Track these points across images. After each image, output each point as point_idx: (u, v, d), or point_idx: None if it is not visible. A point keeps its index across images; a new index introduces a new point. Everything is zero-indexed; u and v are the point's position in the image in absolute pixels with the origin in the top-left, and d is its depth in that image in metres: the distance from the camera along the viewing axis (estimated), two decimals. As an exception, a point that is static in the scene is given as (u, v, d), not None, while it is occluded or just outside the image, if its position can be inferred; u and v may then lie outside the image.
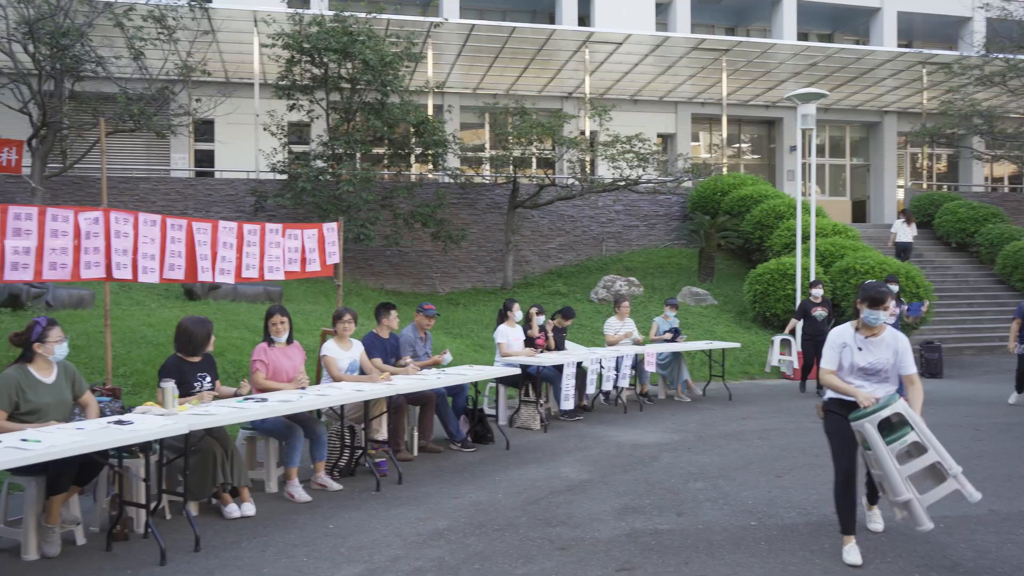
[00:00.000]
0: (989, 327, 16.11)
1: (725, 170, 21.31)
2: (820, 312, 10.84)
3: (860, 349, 4.52)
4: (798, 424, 8.80)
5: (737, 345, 11.90)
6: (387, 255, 17.10)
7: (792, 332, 11.70)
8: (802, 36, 25.30)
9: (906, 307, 11.21)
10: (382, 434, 6.65)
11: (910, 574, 4.33)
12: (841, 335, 4.57)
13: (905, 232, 17.99)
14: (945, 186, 25.55)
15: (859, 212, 24.97)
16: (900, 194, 24.83)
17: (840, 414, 4.51)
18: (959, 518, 5.25)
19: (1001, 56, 19.76)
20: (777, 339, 11.31)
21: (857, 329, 4.53)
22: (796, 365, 11.40)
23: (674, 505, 5.67)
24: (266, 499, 5.73)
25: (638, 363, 10.14)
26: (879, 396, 4.39)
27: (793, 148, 24.23)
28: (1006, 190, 26.39)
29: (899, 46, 24.61)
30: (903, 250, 17.76)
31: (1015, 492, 5.94)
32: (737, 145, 25.17)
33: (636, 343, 10.36)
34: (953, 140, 22.78)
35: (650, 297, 15.78)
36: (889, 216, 23.94)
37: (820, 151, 25.12)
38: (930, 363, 13.07)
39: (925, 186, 24.06)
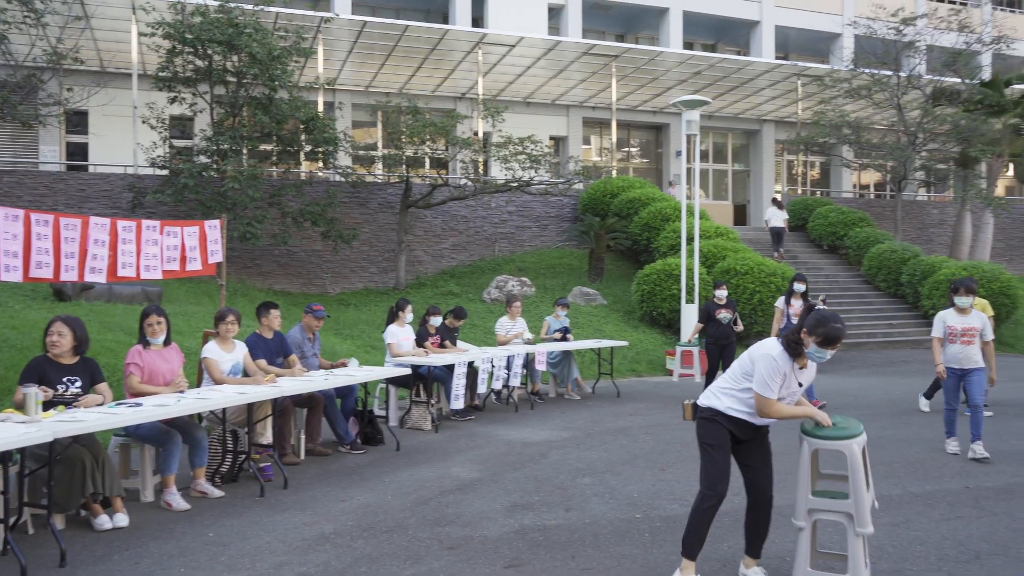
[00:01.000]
0: (857, 324, 17.12)
1: (615, 173, 21.85)
2: (725, 315, 10.32)
3: (794, 376, 4.02)
4: (680, 419, 9.10)
5: (625, 344, 12.20)
6: (275, 255, 16.64)
7: (697, 336, 11.56)
8: (688, 45, 26.24)
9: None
10: (267, 438, 6.45)
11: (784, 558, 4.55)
12: (779, 363, 3.92)
13: (777, 217, 19.97)
14: (818, 192, 27.01)
15: (740, 215, 26.09)
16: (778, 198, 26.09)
17: (729, 429, 4.05)
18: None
19: (867, 71, 21.07)
20: (679, 349, 11.11)
21: (795, 358, 3.96)
22: (698, 378, 11.31)
23: (562, 501, 5.76)
24: (141, 509, 5.47)
25: (529, 362, 10.25)
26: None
27: (679, 153, 25.11)
28: (872, 196, 28.14)
29: (777, 58, 25.91)
30: (776, 234, 19.79)
31: (897, 478, 6.33)
32: (626, 149, 25.84)
33: (527, 343, 10.47)
34: (825, 149, 24.11)
35: (542, 297, 15.97)
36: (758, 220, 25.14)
37: (704, 156, 26.11)
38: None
39: (800, 191, 25.39)
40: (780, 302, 9.99)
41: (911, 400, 10.28)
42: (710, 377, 10.41)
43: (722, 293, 10.44)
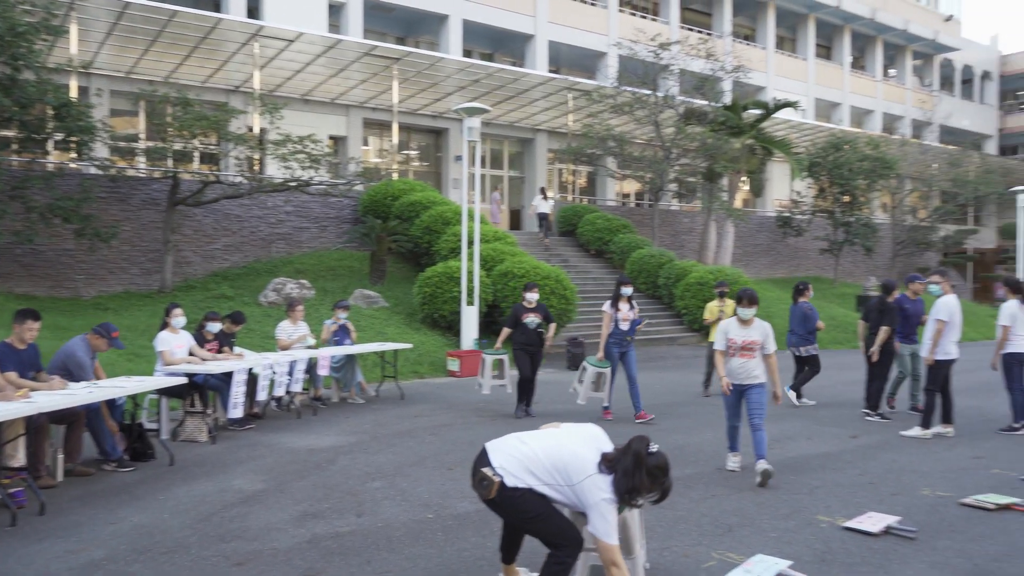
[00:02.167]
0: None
1: (396, 176, 21.88)
2: (533, 319, 9.50)
3: None
4: (466, 419, 9.36)
5: (409, 346, 12.29)
6: (17, 254, 14.90)
7: (505, 341, 9.99)
8: (467, 53, 26.85)
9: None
10: (19, 460, 5.81)
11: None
12: (615, 504, 3.61)
13: (543, 205, 22.68)
14: (585, 199, 28.79)
15: (515, 220, 27.13)
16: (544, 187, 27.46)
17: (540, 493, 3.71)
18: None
19: (629, 89, 22.79)
20: (489, 359, 9.96)
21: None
22: (509, 388, 10.08)
23: (353, 506, 5.74)
24: None
25: (312, 367, 10.04)
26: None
27: (458, 158, 25.61)
28: (633, 205, 30.45)
29: (550, 71, 27.26)
30: (543, 218, 22.58)
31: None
32: (407, 152, 25.95)
33: (311, 347, 10.26)
34: (592, 159, 25.74)
35: (322, 300, 15.65)
36: (534, 224, 26.38)
37: (482, 162, 26.83)
38: (575, 356, 14.65)
39: (570, 198, 26.87)
40: (607, 307, 9.36)
41: (675, 392, 11.31)
42: (523, 388, 9.57)
43: (532, 296, 9.59)
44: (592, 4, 29.25)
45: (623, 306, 9.34)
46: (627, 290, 9.38)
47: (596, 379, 9.33)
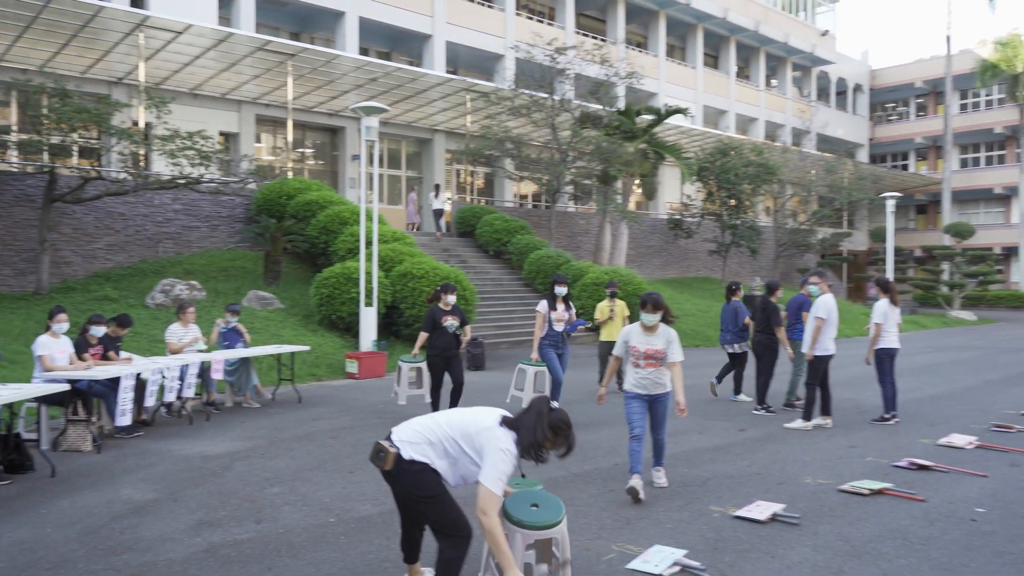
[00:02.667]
0: (519, 324, 18.66)
1: (291, 174, 21.39)
2: (451, 322, 8.89)
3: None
4: (366, 421, 9.27)
5: (306, 348, 12.05)
6: None
7: (422, 347, 9.42)
8: (363, 51, 26.51)
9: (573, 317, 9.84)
10: None
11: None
12: (514, 460, 3.72)
13: (437, 202, 23.86)
14: (483, 200, 28.93)
15: (414, 221, 26.98)
16: (448, 205, 27.46)
17: (436, 472, 3.79)
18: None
19: (527, 92, 23.06)
20: (405, 366, 9.41)
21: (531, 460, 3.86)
22: (428, 399, 9.27)
23: (252, 513, 5.61)
24: None
25: (204, 371, 9.71)
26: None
27: (355, 157, 25.30)
28: (530, 206, 30.82)
29: (448, 72, 27.25)
30: (438, 215, 23.76)
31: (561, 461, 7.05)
32: (302, 150, 25.41)
33: (203, 351, 9.92)
34: (490, 160, 25.91)
35: (214, 301, 15.14)
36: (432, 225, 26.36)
37: (379, 162, 26.58)
38: (475, 357, 14.72)
39: (468, 199, 26.96)
40: (542, 306, 9.12)
41: (572, 389, 11.53)
42: (435, 392, 9.09)
43: (451, 299, 9.01)
44: (489, 6, 29.43)
45: (559, 306, 9.22)
46: (561, 290, 9.24)
47: (526, 379, 9.14)
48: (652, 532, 5.20)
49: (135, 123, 17.59)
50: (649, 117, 25.31)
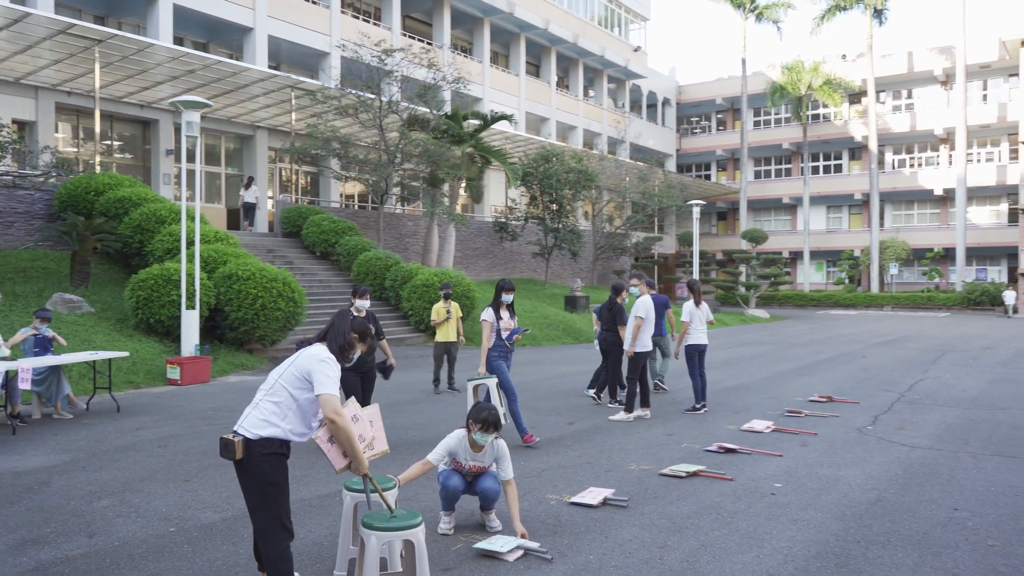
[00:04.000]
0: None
1: (99, 168, 19.94)
2: None
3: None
4: (195, 429, 8.94)
5: (124, 354, 11.33)
6: None
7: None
8: (178, 41, 25.15)
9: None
10: None
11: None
12: (336, 366, 3.87)
13: (250, 194, 23.98)
14: (308, 200, 28.30)
15: (234, 220, 25.89)
16: (270, 204, 26.67)
17: (284, 455, 3.84)
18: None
19: (354, 92, 22.87)
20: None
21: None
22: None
23: (82, 528, 5.34)
24: None
25: (9, 381, 8.96)
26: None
27: (169, 151, 23.97)
28: (357, 207, 30.51)
29: (270, 67, 26.41)
30: (248, 208, 23.95)
31: (397, 458, 7.17)
32: (110, 142, 23.72)
33: (5, 358, 9.14)
34: (316, 160, 25.42)
35: (11, 306, 13.88)
36: (261, 224, 25.54)
37: (197, 158, 25.28)
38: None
39: (294, 199, 26.28)
40: (488, 314, 8.40)
41: (406, 390, 11.67)
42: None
43: (364, 304, 8.08)
44: (314, 3, 28.80)
45: (504, 314, 8.49)
46: (508, 297, 8.53)
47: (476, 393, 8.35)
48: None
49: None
50: (476, 122, 25.84)
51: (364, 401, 7.63)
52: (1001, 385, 12.93)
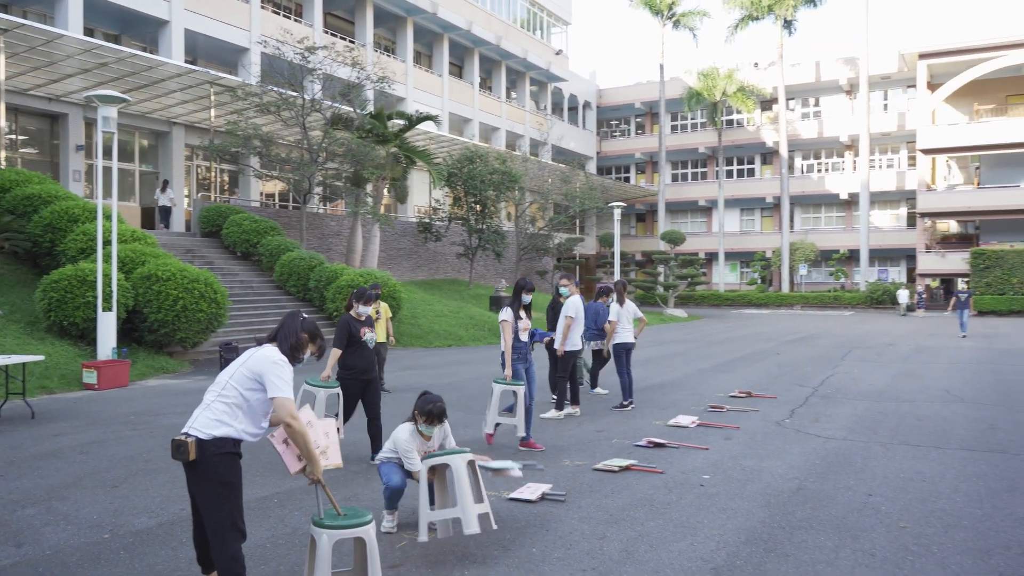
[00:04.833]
0: (272, 326, 18.18)
1: (3, 164, 19.01)
2: (371, 335, 7.58)
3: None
4: (118, 434, 8.69)
5: (39, 358, 10.90)
6: None
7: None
8: (88, 32, 24.16)
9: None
10: None
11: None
12: (289, 368, 3.90)
13: (164, 198, 23.53)
14: (228, 199, 27.61)
15: (148, 219, 25.06)
16: (187, 203, 25.92)
17: (238, 455, 3.82)
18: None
19: (275, 89, 22.45)
20: (323, 394, 8.17)
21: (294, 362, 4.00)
22: (343, 434, 7.78)
23: (9, 537, 5.16)
24: None
25: (-86, 387, 8.52)
26: None
27: (80, 147, 23.03)
28: (278, 207, 29.93)
29: (187, 62, 25.63)
30: (164, 211, 23.48)
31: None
32: (15, 137, 22.63)
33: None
34: (236, 158, 24.83)
35: (-90, 308, 13.16)
36: (178, 224, 24.81)
37: (109, 154, 24.38)
38: (228, 362, 14.15)
39: (213, 198, 25.62)
40: (508, 315, 8.09)
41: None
42: (346, 421, 7.62)
43: (365, 309, 7.42)
44: (233, -4, 28.12)
45: (524, 315, 8.20)
46: (528, 297, 8.23)
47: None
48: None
49: None
50: (400, 122, 25.72)
51: (369, 411, 7.36)
52: (904, 379, 13.71)
